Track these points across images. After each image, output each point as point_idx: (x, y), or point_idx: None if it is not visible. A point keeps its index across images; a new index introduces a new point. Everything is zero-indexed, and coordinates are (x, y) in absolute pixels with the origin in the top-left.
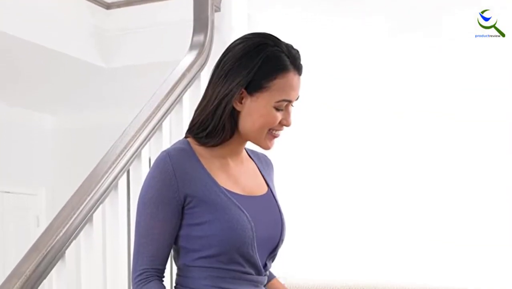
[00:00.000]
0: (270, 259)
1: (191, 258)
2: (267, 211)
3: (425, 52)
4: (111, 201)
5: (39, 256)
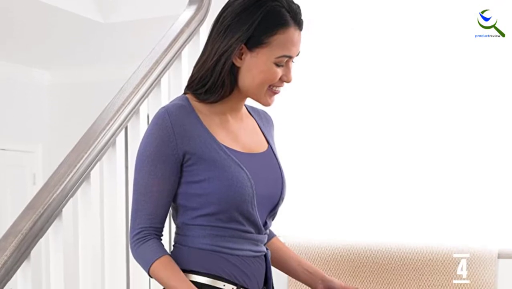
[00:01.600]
0: (270, 218)
1: (190, 216)
2: (267, 169)
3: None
4: (109, 158)
5: (35, 214)
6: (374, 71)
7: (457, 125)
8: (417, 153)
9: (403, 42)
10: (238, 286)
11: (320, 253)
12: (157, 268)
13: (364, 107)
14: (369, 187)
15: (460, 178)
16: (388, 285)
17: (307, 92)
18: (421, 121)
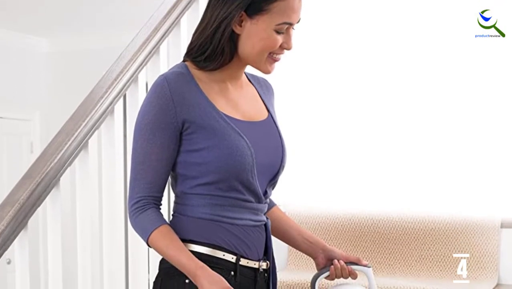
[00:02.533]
0: (271, 187)
1: (189, 185)
2: (268, 137)
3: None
4: (107, 127)
5: (32, 184)
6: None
7: (460, 101)
8: (419, 121)
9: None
10: (238, 256)
11: (321, 223)
12: (156, 237)
13: (368, 74)
14: (371, 156)
15: (462, 147)
16: (389, 255)
17: (308, 59)
18: (424, 92)
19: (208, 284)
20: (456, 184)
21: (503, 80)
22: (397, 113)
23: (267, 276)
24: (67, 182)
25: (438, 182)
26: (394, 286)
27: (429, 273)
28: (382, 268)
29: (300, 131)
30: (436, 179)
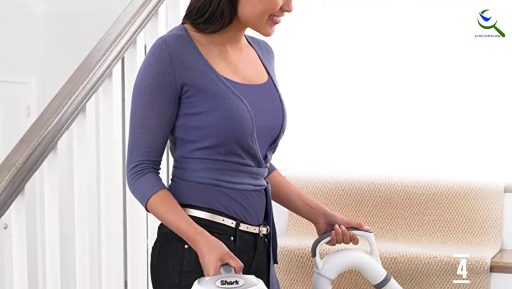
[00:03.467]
0: (271, 151)
1: (189, 149)
2: (268, 100)
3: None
4: (105, 90)
5: (29, 148)
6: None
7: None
8: (421, 83)
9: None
10: (237, 221)
11: (322, 187)
12: (155, 202)
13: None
14: (373, 120)
15: (466, 111)
16: (391, 220)
17: (308, 21)
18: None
19: (207, 249)
20: (459, 148)
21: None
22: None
23: (267, 242)
24: (64, 146)
25: (441, 146)
26: (396, 252)
27: (431, 238)
28: (383, 233)
29: (301, 94)
30: (439, 143)
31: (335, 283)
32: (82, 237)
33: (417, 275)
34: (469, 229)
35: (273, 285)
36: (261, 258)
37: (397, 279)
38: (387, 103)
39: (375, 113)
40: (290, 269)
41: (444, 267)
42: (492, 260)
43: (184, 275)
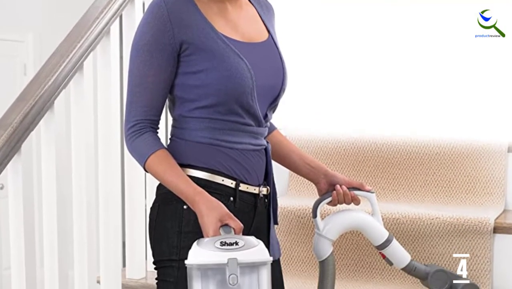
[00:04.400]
0: (271, 110)
1: (187, 108)
2: (268, 59)
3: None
4: (103, 48)
5: (26, 107)
6: None
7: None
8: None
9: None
10: (237, 181)
11: (323, 147)
12: (153, 162)
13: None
14: (374, 79)
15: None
16: (393, 180)
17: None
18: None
19: (206, 210)
20: (462, 107)
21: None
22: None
23: (267, 202)
24: (61, 105)
25: (443, 105)
26: (398, 212)
27: (434, 198)
28: (385, 193)
29: (302, 53)
30: (441, 102)
31: (336, 244)
32: (80, 197)
33: (419, 236)
34: (472, 189)
35: (273, 246)
36: (261, 218)
37: (399, 240)
38: (390, 62)
39: (378, 72)
40: (290, 230)
41: (447, 228)
42: (495, 221)
43: (183, 236)
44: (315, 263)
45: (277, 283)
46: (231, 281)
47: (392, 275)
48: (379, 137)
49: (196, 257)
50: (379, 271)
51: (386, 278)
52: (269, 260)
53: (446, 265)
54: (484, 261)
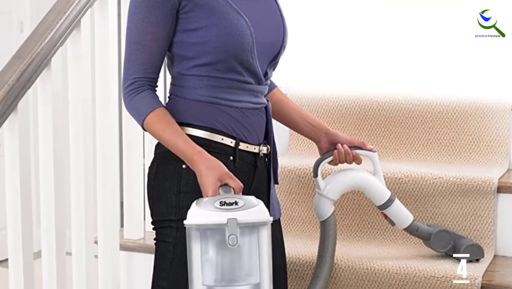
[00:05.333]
0: (271, 68)
1: (186, 66)
2: (268, 16)
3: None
4: (101, 4)
5: (22, 64)
6: None
7: None
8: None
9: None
10: (237, 140)
11: (324, 105)
12: (151, 120)
13: None
14: (376, 35)
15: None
16: (395, 139)
17: None
18: None
19: (206, 169)
20: (466, 65)
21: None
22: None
23: (267, 161)
24: (58, 62)
25: (446, 63)
26: (400, 172)
27: (436, 158)
28: (387, 152)
29: (302, 9)
30: (444, 59)
31: (337, 204)
32: (77, 156)
33: (422, 195)
34: (475, 148)
35: (273, 206)
36: (261, 178)
37: (402, 200)
38: (392, 18)
39: (380, 29)
40: (291, 190)
41: (450, 188)
42: (499, 180)
43: (181, 196)
44: (316, 223)
45: (277, 244)
46: (231, 241)
47: (394, 235)
48: (382, 95)
49: (195, 217)
50: (381, 231)
51: (388, 239)
52: (269, 220)
53: (449, 225)
54: (488, 221)
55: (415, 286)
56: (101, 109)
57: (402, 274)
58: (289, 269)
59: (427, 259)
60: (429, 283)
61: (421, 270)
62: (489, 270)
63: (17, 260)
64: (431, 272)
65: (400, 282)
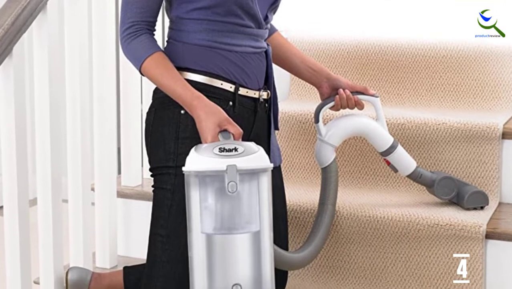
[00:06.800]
0: (272, 11)
1: (185, 9)
2: None
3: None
4: None
5: (18, 8)
6: None
7: None
8: None
9: None
10: (236, 85)
11: (325, 49)
12: (149, 65)
13: None
14: None
15: None
16: (398, 84)
17: None
18: None
19: (205, 115)
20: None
21: None
22: None
23: (267, 107)
24: (54, 5)
25: (450, 7)
26: (403, 117)
27: (440, 103)
28: (390, 98)
29: None
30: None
31: (339, 151)
32: (73, 102)
33: (425, 141)
34: (480, 93)
35: (273, 152)
36: (261, 124)
37: (405, 146)
38: None
39: None
40: (291, 136)
41: (454, 133)
42: (504, 126)
43: (180, 142)
44: (317, 170)
45: (278, 191)
46: (230, 188)
47: (397, 182)
48: (384, 39)
49: (194, 163)
50: (384, 178)
51: (390, 186)
52: (269, 166)
53: (452, 172)
54: (492, 168)
55: (418, 234)
56: (98, 54)
57: (405, 222)
58: (290, 216)
59: (431, 206)
60: (432, 230)
61: (424, 217)
62: (494, 218)
63: (12, 208)
64: (434, 220)
65: (403, 230)
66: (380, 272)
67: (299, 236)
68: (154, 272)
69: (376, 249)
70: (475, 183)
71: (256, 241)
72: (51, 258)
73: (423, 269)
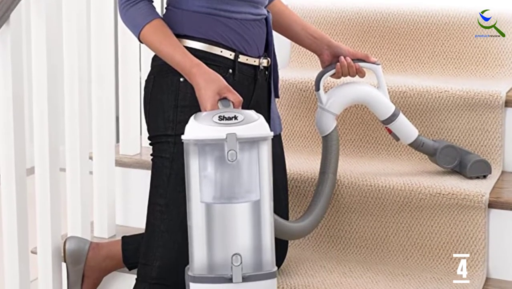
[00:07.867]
0: None
1: None
2: None
3: None
4: None
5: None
6: None
7: None
8: None
9: None
10: (236, 52)
11: (326, 16)
12: (148, 32)
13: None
14: None
15: None
16: (400, 51)
17: None
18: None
19: (204, 82)
20: None
21: None
22: None
23: (267, 74)
24: None
25: None
26: (405, 85)
27: (442, 71)
28: (392, 65)
29: None
30: None
31: (340, 119)
32: (71, 70)
33: (427, 109)
34: (482, 61)
35: (274, 120)
36: (262, 92)
37: (406, 114)
38: None
39: None
40: (292, 104)
41: (456, 101)
42: (507, 94)
43: (179, 110)
44: (318, 138)
45: (278, 159)
46: (230, 157)
47: (399, 151)
48: (386, 6)
49: (193, 132)
50: (385, 147)
51: (392, 155)
52: (269, 135)
53: (455, 141)
54: (495, 137)
55: (420, 203)
56: (96, 21)
57: (406, 191)
58: (290, 185)
59: (433, 175)
60: (434, 200)
61: (426, 186)
62: (497, 187)
63: (10, 176)
64: (436, 189)
65: (405, 199)
66: (381, 242)
67: (300, 206)
68: (152, 242)
69: (378, 219)
70: (477, 151)
71: (256, 211)
72: (48, 228)
73: (424, 238)
